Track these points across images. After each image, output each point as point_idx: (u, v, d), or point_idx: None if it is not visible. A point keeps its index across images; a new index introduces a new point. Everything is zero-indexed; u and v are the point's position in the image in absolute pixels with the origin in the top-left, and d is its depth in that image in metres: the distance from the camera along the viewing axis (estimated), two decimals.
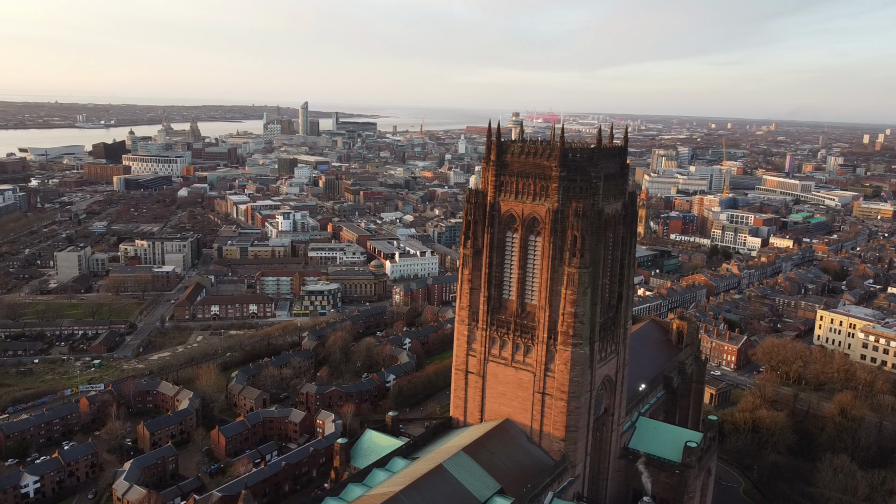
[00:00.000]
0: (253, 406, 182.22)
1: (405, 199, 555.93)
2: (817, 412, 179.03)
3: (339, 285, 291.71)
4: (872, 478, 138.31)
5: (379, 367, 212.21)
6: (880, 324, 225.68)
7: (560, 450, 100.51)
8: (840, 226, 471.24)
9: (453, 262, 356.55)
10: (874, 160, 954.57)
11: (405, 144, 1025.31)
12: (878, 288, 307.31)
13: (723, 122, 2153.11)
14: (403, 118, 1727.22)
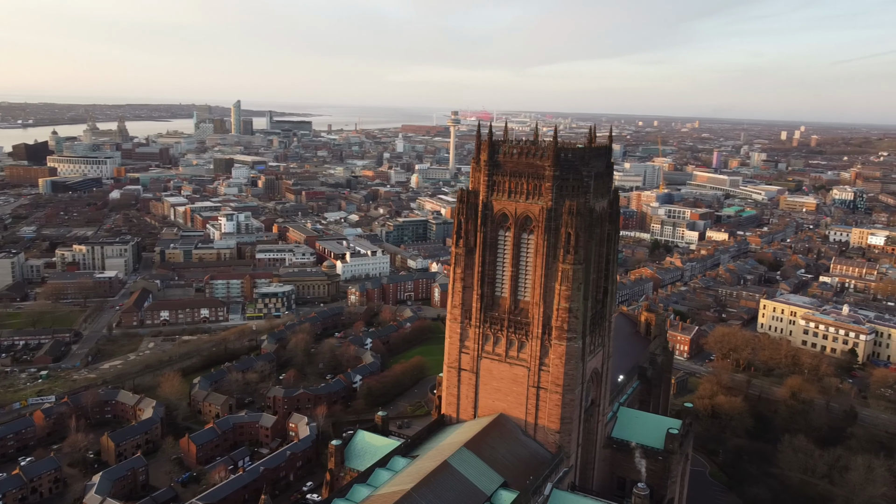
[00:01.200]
0: (219, 412, 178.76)
1: (348, 198, 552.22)
2: (770, 396, 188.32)
3: (293, 287, 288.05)
4: (829, 456, 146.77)
5: (343, 368, 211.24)
6: (819, 311, 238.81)
7: (555, 441, 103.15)
8: (769, 219, 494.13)
9: (403, 262, 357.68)
10: (793, 156, 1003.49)
11: (342, 143, 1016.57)
12: (810, 277, 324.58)
13: (649, 119, 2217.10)
14: (338, 117, 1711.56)
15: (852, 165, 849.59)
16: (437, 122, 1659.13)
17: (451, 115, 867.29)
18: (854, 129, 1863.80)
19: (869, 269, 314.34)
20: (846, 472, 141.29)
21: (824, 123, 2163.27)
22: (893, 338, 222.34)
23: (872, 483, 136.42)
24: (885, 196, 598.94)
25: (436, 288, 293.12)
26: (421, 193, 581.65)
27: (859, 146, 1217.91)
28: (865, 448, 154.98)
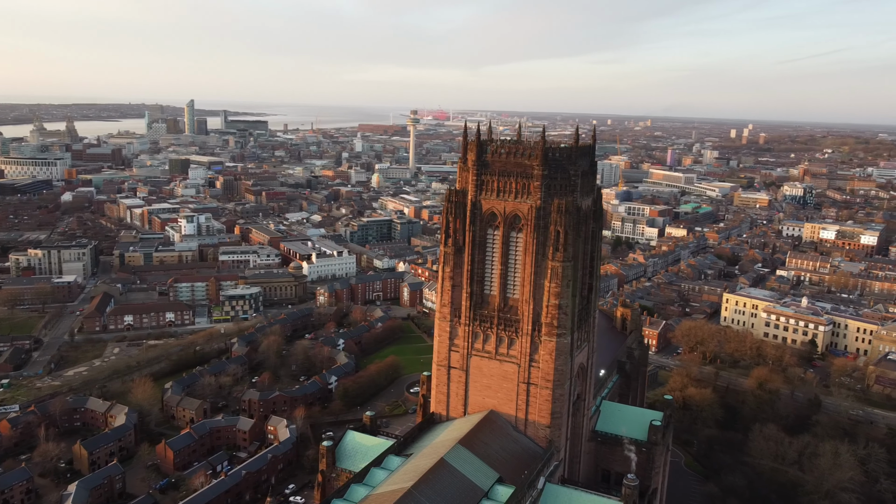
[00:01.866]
0: (194, 417, 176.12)
1: (309, 198, 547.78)
2: (737, 387, 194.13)
3: (260, 289, 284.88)
4: (798, 443, 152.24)
5: (317, 369, 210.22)
6: (779, 303, 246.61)
7: (546, 436, 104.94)
8: (724, 215, 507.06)
9: (369, 262, 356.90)
10: (743, 153, 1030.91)
11: (300, 143, 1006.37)
12: (767, 271, 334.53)
13: (603, 118, 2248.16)
14: (293, 116, 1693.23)
15: (800, 162, 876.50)
16: (395, 122, 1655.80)
17: (409, 115, 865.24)
18: (799, 127, 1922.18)
19: (822, 263, 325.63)
20: (815, 459, 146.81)
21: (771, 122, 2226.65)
22: (850, 328, 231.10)
23: (840, 468, 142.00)
24: (832, 192, 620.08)
25: (405, 287, 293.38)
26: (383, 193, 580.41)
27: (805, 144, 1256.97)
28: (830, 435, 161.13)
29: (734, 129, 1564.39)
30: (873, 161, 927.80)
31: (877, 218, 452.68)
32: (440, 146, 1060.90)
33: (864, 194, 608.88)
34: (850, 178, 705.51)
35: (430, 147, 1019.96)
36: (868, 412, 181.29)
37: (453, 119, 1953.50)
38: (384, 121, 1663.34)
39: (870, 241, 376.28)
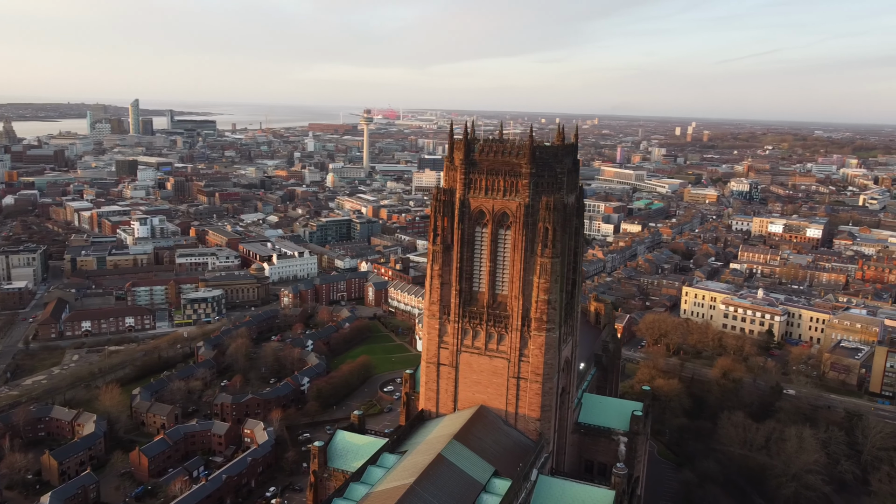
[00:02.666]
0: (165, 423, 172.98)
1: (263, 199, 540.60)
2: (702, 377, 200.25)
3: (222, 291, 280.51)
4: (765, 429, 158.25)
5: (287, 371, 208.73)
6: (736, 295, 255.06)
7: (536, 429, 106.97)
8: (676, 210, 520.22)
9: (330, 262, 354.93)
10: (689, 150, 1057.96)
11: (250, 143, 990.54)
12: (721, 265, 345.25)
13: (551, 116, 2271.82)
14: (241, 115, 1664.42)
15: (743, 159, 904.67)
16: (345, 121, 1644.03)
17: (361, 114, 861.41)
18: (740, 125, 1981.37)
19: (773, 256, 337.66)
20: (781, 443, 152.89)
21: (713, 119, 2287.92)
22: (804, 317, 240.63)
23: (805, 451, 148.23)
24: (775, 187, 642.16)
25: (369, 287, 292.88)
26: (339, 192, 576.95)
27: (746, 141, 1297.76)
28: (793, 420, 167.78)
29: (679, 126, 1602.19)
30: (811, 157, 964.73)
31: (819, 212, 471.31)
32: (392, 145, 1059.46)
33: (805, 189, 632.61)
34: (791, 174, 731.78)
35: (383, 146, 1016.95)
36: (826, 397, 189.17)
37: (403, 118, 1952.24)
38: (334, 120, 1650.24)
39: (815, 234, 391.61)
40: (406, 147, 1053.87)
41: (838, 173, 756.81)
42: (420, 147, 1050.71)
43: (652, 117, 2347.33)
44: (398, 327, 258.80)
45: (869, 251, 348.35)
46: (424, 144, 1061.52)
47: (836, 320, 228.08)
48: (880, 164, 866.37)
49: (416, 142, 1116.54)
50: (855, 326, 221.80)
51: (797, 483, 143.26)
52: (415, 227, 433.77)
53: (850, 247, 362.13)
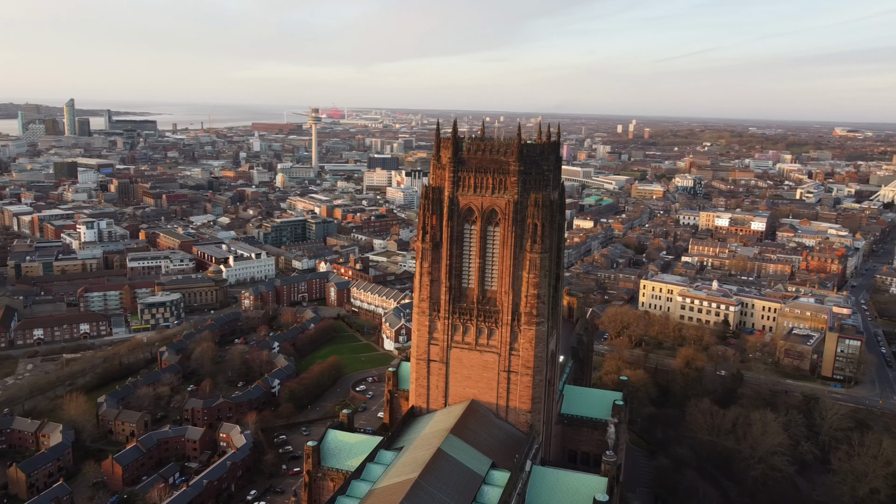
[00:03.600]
0: (135, 430, 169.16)
1: (213, 200, 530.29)
2: (666, 367, 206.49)
3: (180, 295, 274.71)
4: (731, 415, 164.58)
5: (254, 374, 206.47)
6: (692, 287, 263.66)
7: (527, 421, 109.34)
8: (625, 206, 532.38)
9: (287, 263, 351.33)
10: (632, 147, 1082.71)
11: (193, 143, 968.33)
12: (672, 258, 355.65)
13: (496, 115, 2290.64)
14: (181, 115, 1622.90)
15: (683, 156, 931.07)
16: (289, 120, 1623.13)
17: (309, 113, 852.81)
18: (678, 122, 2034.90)
19: (721, 249, 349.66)
20: (747, 428, 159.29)
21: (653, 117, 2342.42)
22: (756, 307, 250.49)
23: (769, 435, 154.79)
24: (717, 182, 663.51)
25: (331, 288, 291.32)
26: (290, 193, 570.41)
27: (685, 137, 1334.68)
28: (755, 405, 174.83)
29: (620, 124, 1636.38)
30: (747, 153, 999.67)
31: (761, 206, 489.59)
32: (340, 144, 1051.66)
33: (745, 184, 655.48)
34: (731, 170, 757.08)
35: (330, 146, 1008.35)
36: (783, 382, 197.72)
37: (348, 117, 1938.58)
38: (278, 119, 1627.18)
39: (759, 227, 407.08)
40: (353, 146, 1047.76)
41: (775, 168, 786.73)
42: (368, 146, 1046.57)
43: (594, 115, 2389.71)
44: (363, 327, 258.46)
45: (810, 242, 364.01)
46: (372, 143, 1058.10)
47: (787, 309, 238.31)
48: (812, 159, 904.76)
49: (363, 141, 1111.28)
50: (805, 314, 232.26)
51: (764, 465, 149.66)
52: (370, 227, 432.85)
53: (793, 238, 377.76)
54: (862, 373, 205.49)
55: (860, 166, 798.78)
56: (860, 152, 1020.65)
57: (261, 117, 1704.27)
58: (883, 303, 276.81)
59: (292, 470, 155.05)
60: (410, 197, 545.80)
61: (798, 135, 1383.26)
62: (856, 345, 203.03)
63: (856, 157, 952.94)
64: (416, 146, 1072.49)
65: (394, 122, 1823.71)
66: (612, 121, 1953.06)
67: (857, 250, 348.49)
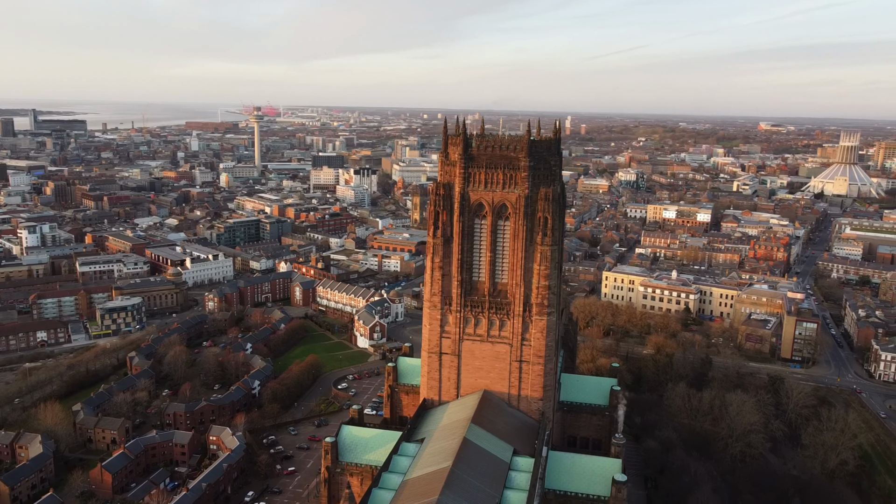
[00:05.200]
0: (116, 437, 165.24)
1: (156, 202, 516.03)
2: (637, 355, 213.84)
3: (141, 299, 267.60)
4: (707, 398, 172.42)
5: (230, 376, 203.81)
6: (653, 277, 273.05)
7: (539, 409, 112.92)
8: (573, 201, 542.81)
9: (245, 264, 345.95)
10: (570, 143, 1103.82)
11: (127, 143, 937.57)
12: (626, 250, 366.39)
13: (434, 112, 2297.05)
14: (110, 115, 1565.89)
15: (620, 151, 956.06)
16: (223, 119, 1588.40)
17: (251, 111, 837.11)
18: (612, 118, 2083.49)
19: (672, 240, 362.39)
20: (723, 409, 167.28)
21: (588, 113, 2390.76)
22: (714, 295, 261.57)
23: (745, 414, 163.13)
24: (657, 176, 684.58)
25: (296, 287, 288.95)
26: (236, 193, 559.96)
27: (621, 133, 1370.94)
28: (725, 387, 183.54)
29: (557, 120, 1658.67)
30: (681, 147, 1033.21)
31: (703, 198, 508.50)
32: (280, 143, 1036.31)
33: (683, 177, 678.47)
34: (668, 164, 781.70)
35: (270, 144, 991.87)
36: (747, 365, 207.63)
37: (284, 115, 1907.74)
38: (212, 118, 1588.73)
39: (704, 218, 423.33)
40: (294, 145, 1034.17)
41: (709, 162, 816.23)
42: (309, 145, 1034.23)
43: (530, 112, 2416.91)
44: (333, 325, 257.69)
45: (753, 232, 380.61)
46: (313, 142, 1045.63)
47: (745, 295, 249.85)
48: (743, 152, 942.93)
49: (303, 139, 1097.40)
50: (761, 300, 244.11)
51: (742, 443, 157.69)
52: (326, 226, 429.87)
53: (737, 229, 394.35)
54: (819, 353, 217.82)
55: (787, 159, 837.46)
56: (786, 146, 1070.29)
57: (195, 116, 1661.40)
58: (826, 287, 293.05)
59: (287, 469, 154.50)
60: (361, 195, 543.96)
61: (726, 129, 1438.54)
62: (812, 327, 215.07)
63: (782, 150, 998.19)
64: (358, 144, 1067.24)
65: (331, 119, 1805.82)
66: (549, 117, 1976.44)
67: (798, 238, 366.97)
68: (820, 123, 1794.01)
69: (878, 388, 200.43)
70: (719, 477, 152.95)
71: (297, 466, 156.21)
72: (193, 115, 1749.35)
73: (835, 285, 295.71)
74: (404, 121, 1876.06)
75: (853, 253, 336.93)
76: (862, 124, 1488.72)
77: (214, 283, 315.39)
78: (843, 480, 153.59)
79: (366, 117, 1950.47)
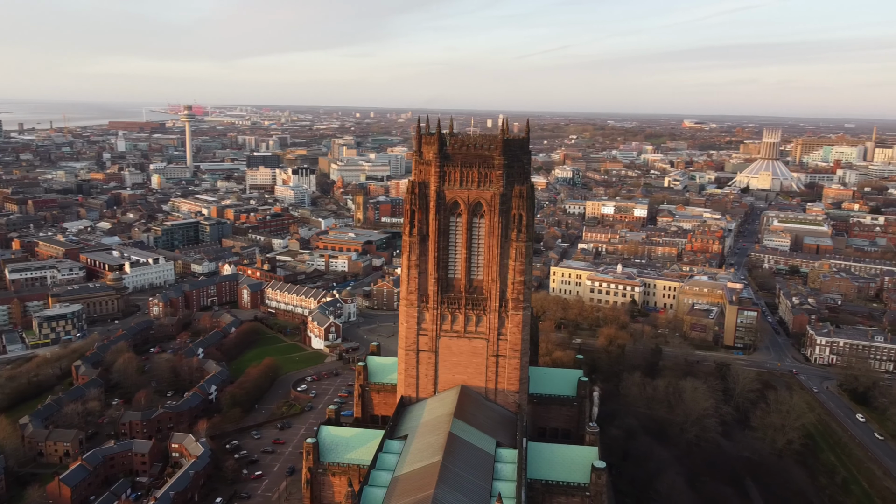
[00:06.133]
0: (69, 450, 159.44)
1: (86, 205, 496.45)
2: (590, 347, 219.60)
3: (81, 306, 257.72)
4: (662, 385, 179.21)
5: (184, 382, 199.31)
6: (599, 271, 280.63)
7: (515, 401, 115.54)
8: None
9: (186, 267, 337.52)
10: None
11: (47, 144, 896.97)
12: (568, 245, 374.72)
13: (366, 110, 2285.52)
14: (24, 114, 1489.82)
15: (553, 148, 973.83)
16: (149, 118, 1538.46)
17: (182, 110, 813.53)
18: (542, 117, 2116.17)
19: (612, 235, 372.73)
20: (678, 396, 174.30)
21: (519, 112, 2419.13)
22: (658, 287, 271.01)
23: (699, 400, 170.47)
24: (591, 173, 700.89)
25: (244, 290, 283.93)
26: (170, 194, 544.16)
27: (552, 131, 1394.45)
28: (676, 375, 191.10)
29: (490, 119, 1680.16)
30: (611, 145, 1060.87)
31: (637, 193, 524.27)
32: (211, 143, 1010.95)
33: (616, 174, 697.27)
34: (601, 161, 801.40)
35: (201, 144, 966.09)
36: (694, 354, 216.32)
37: (212, 114, 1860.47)
38: (137, 117, 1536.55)
39: (641, 213, 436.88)
40: (226, 144, 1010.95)
41: (640, 159, 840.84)
42: (241, 144, 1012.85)
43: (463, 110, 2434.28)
44: (285, 327, 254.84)
45: (688, 226, 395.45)
46: (246, 141, 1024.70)
47: (687, 287, 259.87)
48: (671, 149, 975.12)
49: (235, 139, 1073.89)
50: (703, 291, 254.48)
51: (698, 427, 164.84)
52: (267, 227, 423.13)
53: (672, 223, 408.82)
54: (759, 340, 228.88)
55: (713, 155, 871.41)
56: (709, 142, 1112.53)
57: (118, 115, 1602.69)
58: (760, 277, 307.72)
59: (254, 474, 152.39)
60: (301, 195, 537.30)
61: (653, 127, 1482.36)
62: (753, 315, 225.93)
63: (706, 146, 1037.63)
64: (292, 143, 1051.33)
65: (262, 118, 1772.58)
66: (482, 115, 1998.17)
67: (731, 231, 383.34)
68: (739, 121, 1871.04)
69: (815, 371, 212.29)
70: (676, 461, 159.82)
71: (264, 470, 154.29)
72: (116, 114, 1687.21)
73: (767, 275, 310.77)
74: (337, 119, 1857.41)
75: (782, 244, 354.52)
76: (777, 121, 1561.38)
77: (156, 288, 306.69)
78: (791, 458, 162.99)
79: (297, 116, 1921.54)
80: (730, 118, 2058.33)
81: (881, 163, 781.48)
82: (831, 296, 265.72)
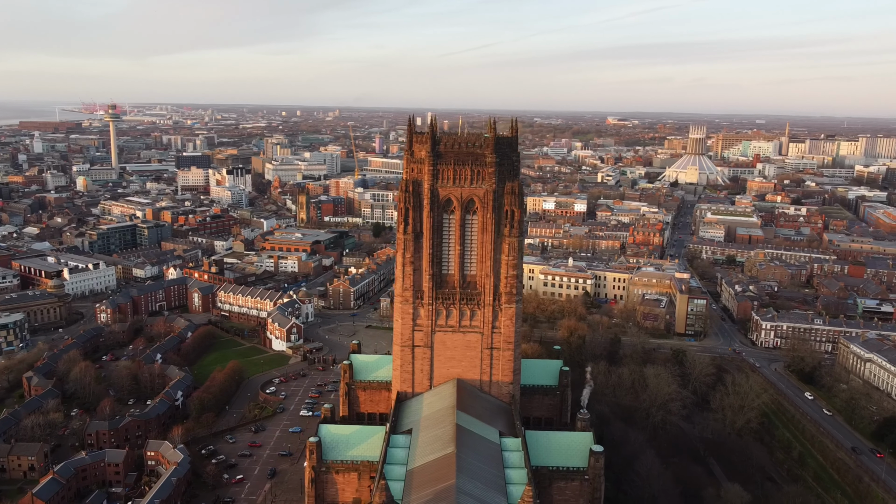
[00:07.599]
0: (34, 464, 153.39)
1: (7, 209, 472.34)
2: (551, 339, 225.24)
3: (23, 315, 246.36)
4: (627, 373, 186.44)
5: (145, 389, 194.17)
6: (551, 265, 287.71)
7: (509, 392, 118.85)
8: None
9: (127, 271, 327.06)
10: None
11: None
12: None
13: (292, 108, 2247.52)
14: None
15: None
16: (62, 118, 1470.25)
17: (107, 109, 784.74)
18: (469, 114, 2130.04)
19: (557, 230, 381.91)
20: (642, 383, 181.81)
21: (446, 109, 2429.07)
22: (608, 279, 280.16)
23: (663, 386, 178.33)
24: (526, 169, 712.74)
25: (195, 293, 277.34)
26: (98, 197, 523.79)
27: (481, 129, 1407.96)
28: (637, 363, 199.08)
29: (419, 117, 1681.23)
30: (541, 141, 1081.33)
31: (574, 189, 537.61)
32: (133, 143, 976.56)
33: (550, 170, 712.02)
34: (534, 158, 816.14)
35: (122, 144, 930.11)
36: (649, 342, 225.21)
37: (130, 113, 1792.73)
38: (50, 117, 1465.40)
39: (581, 208, 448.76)
40: (150, 145, 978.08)
41: (571, 155, 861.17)
42: (166, 144, 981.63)
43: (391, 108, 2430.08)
44: (242, 330, 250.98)
45: (626, 220, 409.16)
46: (171, 141, 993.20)
47: (636, 278, 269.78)
48: (599, 145, 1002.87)
49: (160, 139, 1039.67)
50: (652, 282, 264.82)
51: (664, 411, 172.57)
52: (208, 228, 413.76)
53: (611, 217, 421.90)
54: (709, 327, 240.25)
55: (640, 151, 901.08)
56: (634, 138, 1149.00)
57: (28, 115, 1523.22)
58: (700, 267, 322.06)
59: (234, 478, 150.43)
60: (239, 196, 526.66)
61: (578, 123, 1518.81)
62: (702, 303, 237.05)
63: (632, 142, 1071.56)
64: (220, 143, 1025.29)
65: (184, 117, 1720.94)
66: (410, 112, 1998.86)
67: (668, 224, 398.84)
68: (659, 117, 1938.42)
69: (762, 354, 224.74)
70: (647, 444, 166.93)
71: (244, 474, 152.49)
72: (27, 113, 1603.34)
73: (707, 265, 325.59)
74: (262, 118, 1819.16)
75: (717, 235, 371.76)
76: (694, 118, 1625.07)
77: (97, 294, 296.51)
78: (750, 437, 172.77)
79: (220, 115, 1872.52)
80: (650, 115, 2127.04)
81: (795, 157, 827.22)
82: (768, 283, 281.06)
